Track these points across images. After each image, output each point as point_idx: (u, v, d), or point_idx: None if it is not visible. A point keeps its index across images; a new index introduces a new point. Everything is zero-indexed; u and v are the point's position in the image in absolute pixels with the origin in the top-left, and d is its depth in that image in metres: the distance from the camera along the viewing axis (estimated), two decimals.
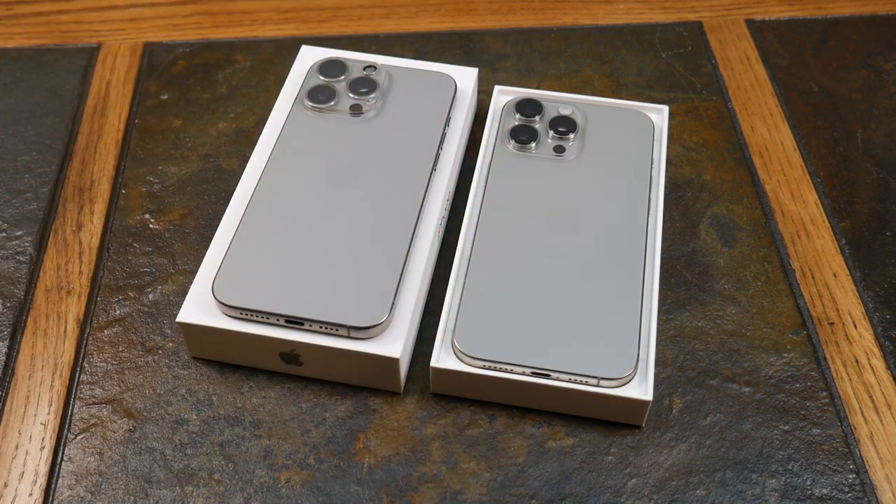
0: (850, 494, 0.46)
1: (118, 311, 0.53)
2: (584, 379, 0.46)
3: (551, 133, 0.56)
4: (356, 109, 0.57)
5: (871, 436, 0.48)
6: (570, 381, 0.46)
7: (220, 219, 0.54)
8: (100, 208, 0.58)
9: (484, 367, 0.47)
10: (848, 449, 0.48)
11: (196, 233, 0.57)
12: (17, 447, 0.48)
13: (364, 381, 0.49)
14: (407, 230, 0.51)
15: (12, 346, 0.51)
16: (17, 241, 0.56)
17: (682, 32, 0.69)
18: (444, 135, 0.56)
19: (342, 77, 0.58)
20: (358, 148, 0.55)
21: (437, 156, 0.55)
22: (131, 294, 0.54)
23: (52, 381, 0.50)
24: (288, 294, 0.48)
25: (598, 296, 0.49)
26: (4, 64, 0.67)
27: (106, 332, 0.52)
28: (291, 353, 0.48)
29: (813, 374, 0.50)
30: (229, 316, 0.48)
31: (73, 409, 0.49)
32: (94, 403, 0.49)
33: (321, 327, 0.47)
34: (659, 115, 0.59)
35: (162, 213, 0.58)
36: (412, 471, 0.47)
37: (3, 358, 0.51)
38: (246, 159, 0.60)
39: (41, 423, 0.48)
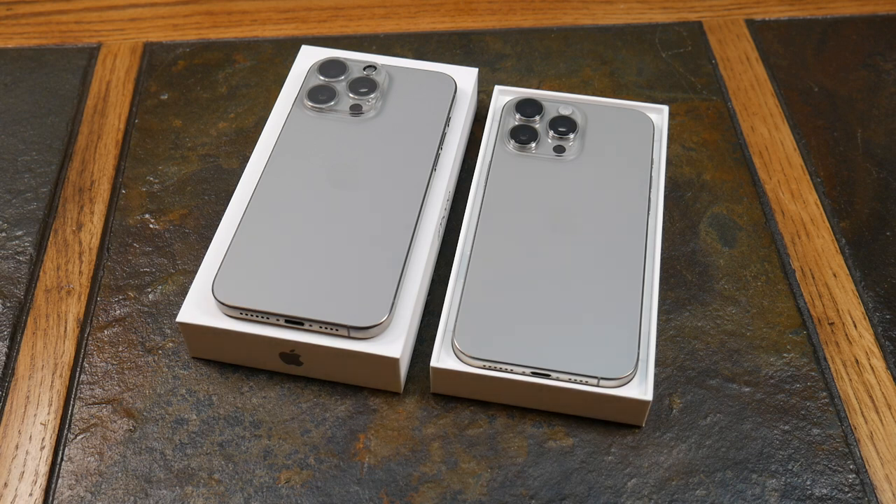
0: (850, 494, 0.46)
1: (118, 311, 0.53)
2: (584, 379, 0.46)
3: (551, 133, 0.56)
4: (356, 109, 0.57)
5: (871, 436, 0.48)
6: (570, 381, 0.46)
7: (220, 219, 0.54)
8: (100, 208, 0.58)
9: (484, 367, 0.47)
10: (848, 449, 0.48)
11: (196, 233, 0.57)
12: (17, 447, 0.48)
13: (364, 381, 0.49)
14: (407, 230, 0.51)
15: (12, 346, 0.51)
16: (17, 241, 0.56)
17: (682, 32, 0.69)
18: (444, 135, 0.56)
19: (342, 77, 0.58)
20: (358, 148, 0.55)
21: (437, 156, 0.55)
22: (131, 294, 0.54)
23: (52, 381, 0.50)
24: (288, 294, 0.48)
25: (598, 296, 0.49)
26: (4, 64, 0.67)
27: (106, 332, 0.52)
28: (291, 353, 0.48)
29: (813, 374, 0.50)
30: (229, 316, 0.48)
31: (73, 409, 0.49)
32: (94, 403, 0.49)
33: (321, 327, 0.47)
34: (659, 115, 0.59)
35: (162, 213, 0.58)
36: (412, 471, 0.47)
37: (3, 358, 0.51)
38: (246, 159, 0.60)
39: (41, 423, 0.48)
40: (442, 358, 0.48)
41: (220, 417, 0.48)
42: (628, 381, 0.47)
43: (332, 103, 0.57)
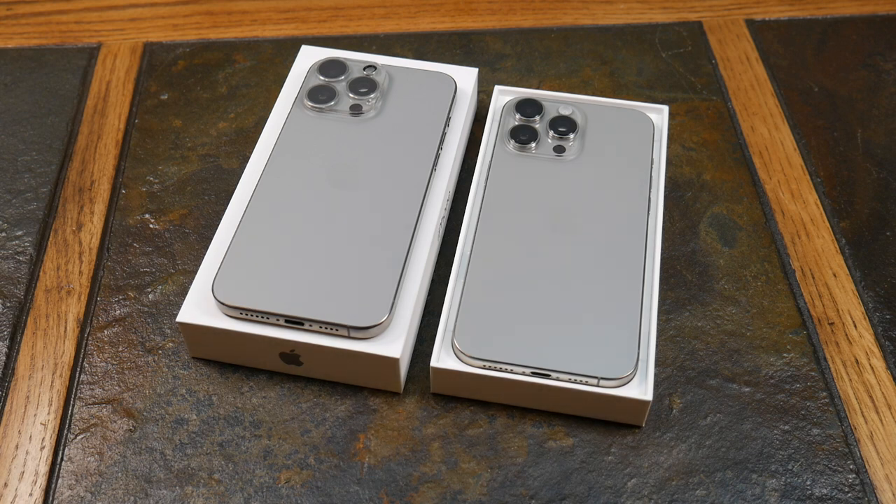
0: (850, 494, 0.46)
1: (118, 311, 0.53)
2: (584, 379, 0.46)
3: (551, 133, 0.56)
4: (356, 109, 0.57)
5: (871, 436, 0.48)
6: (570, 381, 0.46)
7: (220, 219, 0.54)
8: (100, 208, 0.58)
9: (484, 367, 0.47)
10: (848, 449, 0.48)
11: (196, 233, 0.57)
12: (17, 447, 0.48)
13: (364, 381, 0.49)
14: (407, 230, 0.51)
15: (12, 346, 0.51)
16: (17, 241, 0.56)
17: (682, 32, 0.69)
18: (444, 135, 0.56)
19: (342, 77, 0.58)
20: (358, 148, 0.55)
21: (437, 156, 0.55)
22: (131, 294, 0.54)
23: (52, 381, 0.50)
24: (288, 294, 0.48)
25: (598, 296, 0.49)
26: (4, 64, 0.67)
27: (106, 332, 0.52)
28: (291, 353, 0.48)
29: (813, 374, 0.50)
30: (229, 316, 0.48)
31: (73, 409, 0.49)
32: (94, 403, 0.49)
33: (321, 327, 0.47)
34: (659, 115, 0.59)
35: (162, 213, 0.58)
36: (412, 471, 0.47)
37: (3, 358, 0.51)
38: (246, 159, 0.60)
39: (41, 423, 0.48)
40: (442, 358, 0.48)
41: (220, 417, 0.48)
42: (628, 381, 0.47)
43: (332, 103, 0.57)
